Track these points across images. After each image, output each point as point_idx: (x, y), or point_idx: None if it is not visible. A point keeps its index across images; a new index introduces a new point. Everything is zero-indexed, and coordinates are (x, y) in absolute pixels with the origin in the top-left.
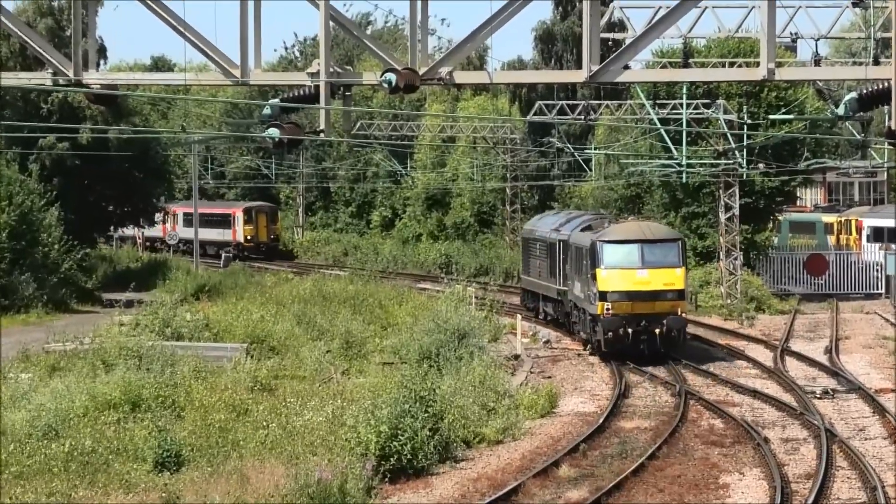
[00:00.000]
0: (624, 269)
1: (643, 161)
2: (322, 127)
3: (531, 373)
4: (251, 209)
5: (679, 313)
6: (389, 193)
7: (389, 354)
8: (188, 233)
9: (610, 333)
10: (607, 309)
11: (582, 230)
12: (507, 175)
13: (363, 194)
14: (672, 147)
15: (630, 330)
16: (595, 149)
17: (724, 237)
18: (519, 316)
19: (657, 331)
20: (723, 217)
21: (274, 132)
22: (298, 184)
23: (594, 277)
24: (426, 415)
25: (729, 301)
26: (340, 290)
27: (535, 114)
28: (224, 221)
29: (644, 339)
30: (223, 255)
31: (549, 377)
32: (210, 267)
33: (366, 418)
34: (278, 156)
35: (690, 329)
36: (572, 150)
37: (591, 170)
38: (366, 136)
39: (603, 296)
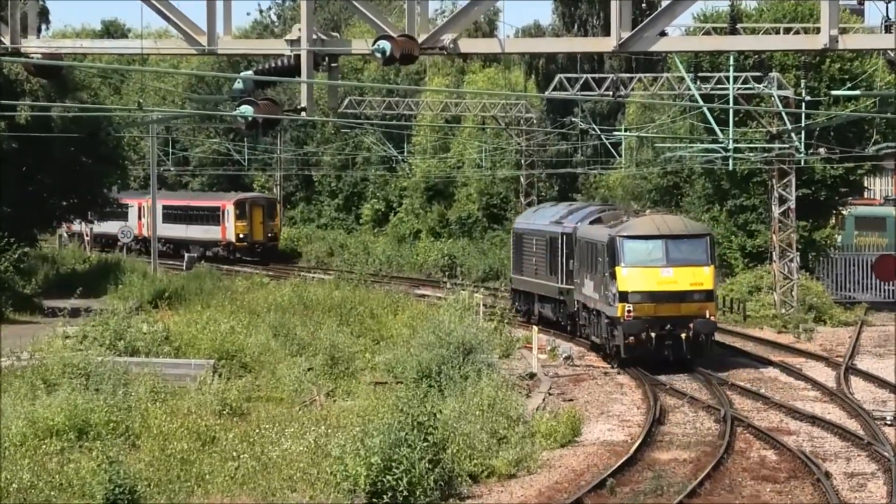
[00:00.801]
0: (647, 267)
1: (682, 145)
2: (303, 104)
3: (549, 394)
4: (244, 202)
5: (707, 316)
6: (383, 183)
7: (382, 373)
8: (167, 230)
9: (631, 338)
10: (628, 311)
11: (592, 223)
12: (522, 161)
13: (352, 184)
14: (717, 128)
15: (653, 334)
16: (625, 131)
17: (778, 235)
18: (535, 328)
19: (683, 335)
20: (776, 211)
21: (247, 110)
22: (275, 171)
23: (613, 276)
24: (425, 444)
25: (783, 310)
26: (325, 297)
27: (554, 89)
28: (211, 217)
29: (669, 344)
30: (186, 256)
31: (571, 400)
32: (171, 269)
33: (354, 448)
34: (252, 138)
35: (737, 343)
36: (598, 133)
37: (620, 155)
38: (355, 116)
39: (623, 296)
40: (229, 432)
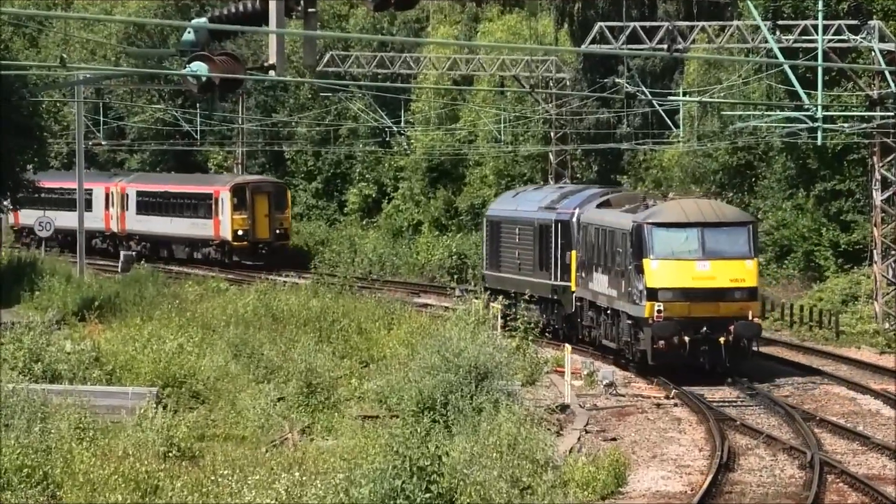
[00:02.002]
0: (680, 259)
1: (757, 113)
2: (272, 61)
3: (586, 432)
4: (244, 187)
5: (750, 317)
6: (374, 161)
7: (372, 404)
8: (142, 223)
9: (661, 342)
10: (658, 311)
11: (599, 207)
12: (551, 135)
13: (334, 162)
14: (801, 92)
15: (687, 338)
16: (684, 95)
17: (881, 228)
18: (568, 347)
19: (722, 339)
20: (878, 198)
21: (200, 68)
22: (236, 147)
23: (639, 270)
24: (428, 495)
25: (886, 325)
26: (299, 308)
27: (592, 42)
28: (200, 207)
29: (705, 349)
30: (123, 253)
31: (614, 439)
32: (102, 271)
33: (337, 500)
34: (205, 104)
35: (828, 367)
36: (650, 97)
37: (677, 127)
38: (339, 76)
39: (652, 294)
40: (176, 480)
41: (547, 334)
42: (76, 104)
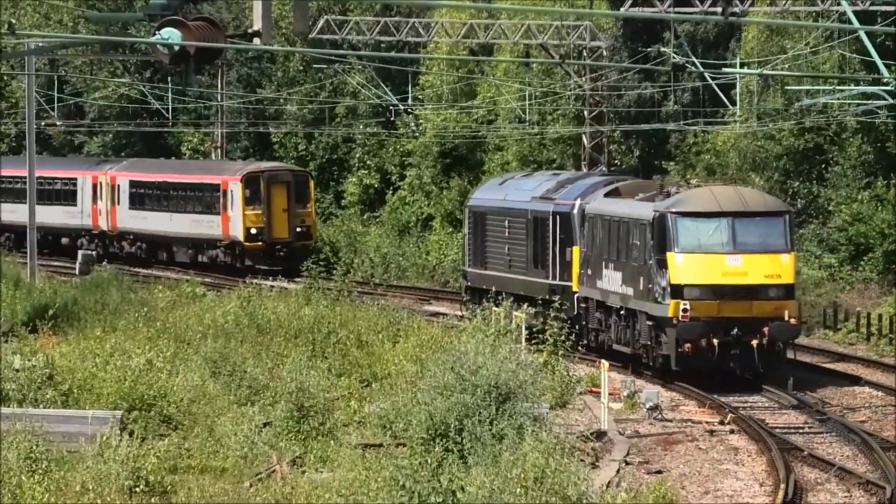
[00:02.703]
0: (708, 253)
1: (828, 87)
2: (257, 27)
3: (627, 463)
4: (258, 177)
5: (786, 318)
6: (376, 146)
7: (374, 430)
8: (136, 220)
9: (686, 345)
10: (683, 310)
11: (608, 196)
12: (585, 114)
13: (329, 146)
14: (879, 63)
15: (716, 340)
16: (741, 66)
17: None
18: (605, 363)
19: (755, 342)
20: None
21: (171, 35)
22: (214, 128)
23: (661, 265)
24: None
25: None
26: (289, 317)
27: (633, 5)
28: (205, 200)
29: (735, 353)
30: (81, 253)
31: (660, 472)
32: (57, 273)
33: None
34: (178, 77)
35: None
36: (701, 69)
37: (734, 104)
38: (335, 45)
39: (677, 291)
40: None
41: (580, 348)
42: (26, 78)
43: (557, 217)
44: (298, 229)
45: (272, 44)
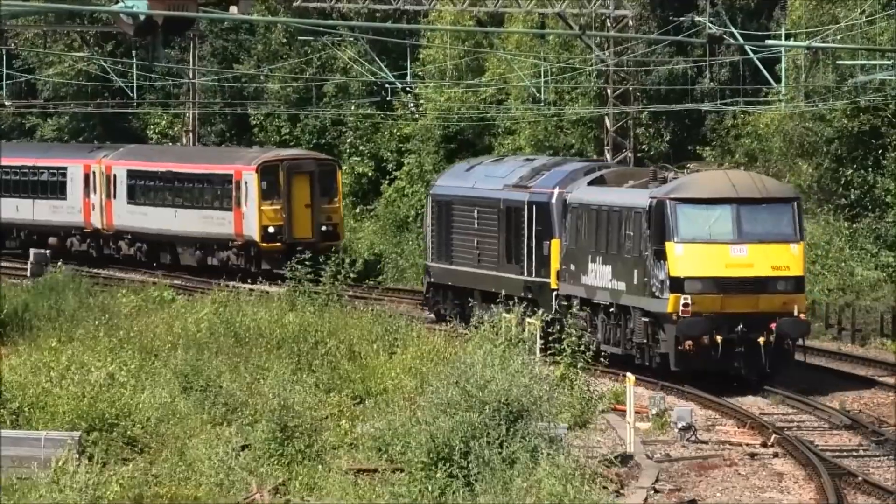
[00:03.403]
0: (711, 243)
1: (885, 62)
2: None
3: (656, 491)
4: (277, 166)
5: (796, 313)
6: (370, 129)
7: (368, 453)
8: (135, 216)
9: (687, 342)
10: (684, 304)
11: (592, 183)
12: (608, 93)
13: (316, 130)
14: None
15: (719, 338)
16: (787, 38)
17: None
18: (630, 377)
19: (762, 340)
20: None
21: (136, 3)
22: (185, 109)
23: (660, 256)
24: None
25: None
26: (270, 325)
27: None
28: (215, 193)
29: (740, 352)
30: (32, 253)
31: (694, 501)
32: (6, 275)
33: None
34: (144, 51)
35: None
36: (740, 41)
37: (778, 81)
38: (323, 14)
39: (677, 284)
40: None
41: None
42: None
43: (534, 207)
44: (324, 228)
45: (251, 13)
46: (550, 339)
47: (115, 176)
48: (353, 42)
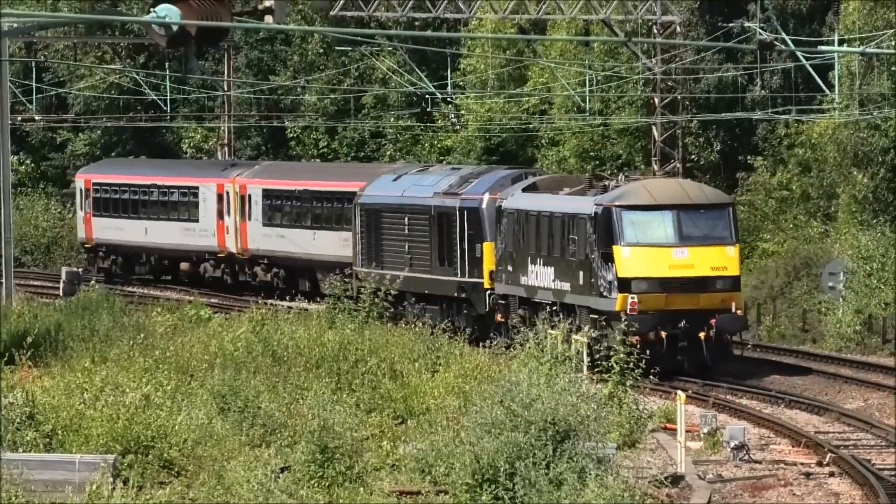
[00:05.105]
0: (654, 246)
1: None
2: (270, 2)
3: None
4: None
5: (733, 310)
6: (410, 140)
7: (411, 474)
8: (276, 240)
9: (635, 339)
10: (632, 303)
11: (526, 190)
12: (655, 101)
13: (356, 142)
14: None
15: (664, 333)
16: (840, 44)
17: None
18: (681, 395)
19: (702, 335)
20: None
21: (170, 13)
22: (220, 122)
23: (607, 259)
24: None
25: None
26: (309, 343)
27: None
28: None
29: (683, 346)
30: (64, 272)
31: None
32: (36, 293)
33: None
34: (177, 63)
35: None
36: (792, 48)
37: (832, 88)
38: (361, 24)
39: (624, 285)
40: None
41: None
42: (1, 63)
43: (465, 213)
44: None
45: (287, 22)
46: (597, 357)
47: (249, 196)
48: (391, 52)
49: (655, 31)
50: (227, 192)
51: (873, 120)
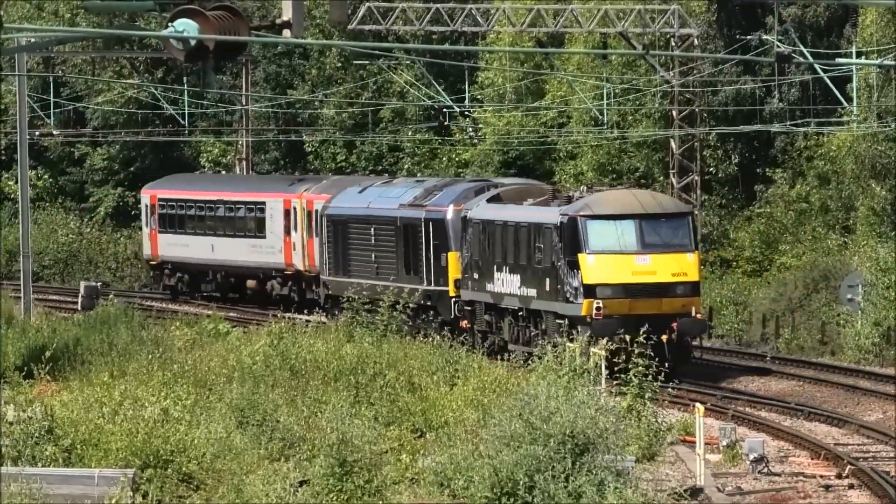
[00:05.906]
0: (618, 253)
1: None
2: (287, 16)
3: None
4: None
5: (694, 314)
6: (428, 154)
7: (430, 488)
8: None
9: (601, 342)
10: (597, 308)
11: (491, 201)
12: (674, 114)
13: (373, 156)
14: None
15: (628, 337)
16: (858, 56)
17: None
18: (700, 407)
19: (664, 338)
20: None
21: (187, 27)
22: (238, 136)
23: (573, 266)
24: None
25: None
26: (328, 357)
27: None
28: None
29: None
30: (83, 286)
31: None
32: (55, 308)
33: None
34: (195, 77)
35: None
36: (811, 60)
37: (850, 101)
38: (379, 37)
39: (590, 291)
40: None
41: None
42: (17, 80)
43: (430, 223)
44: None
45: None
46: (616, 369)
47: (316, 212)
48: (409, 65)
49: (673, 43)
50: (294, 208)
51: (891, 132)
